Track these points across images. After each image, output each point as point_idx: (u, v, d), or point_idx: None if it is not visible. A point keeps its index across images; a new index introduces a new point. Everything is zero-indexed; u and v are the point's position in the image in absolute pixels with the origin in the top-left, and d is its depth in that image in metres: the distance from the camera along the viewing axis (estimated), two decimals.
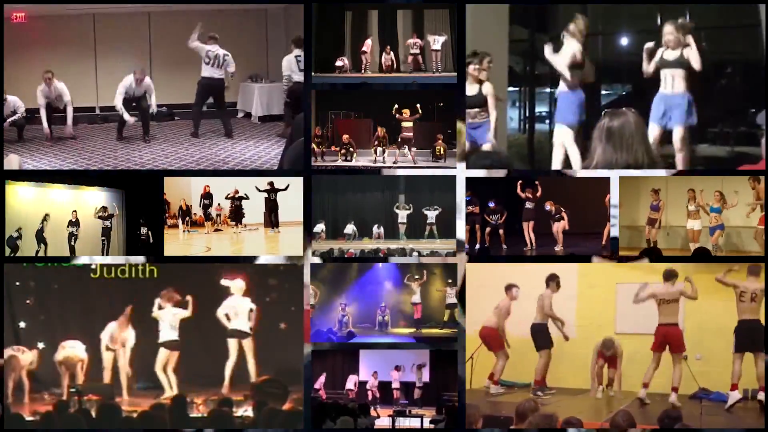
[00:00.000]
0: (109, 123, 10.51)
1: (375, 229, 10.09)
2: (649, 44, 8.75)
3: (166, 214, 9.51)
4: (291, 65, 9.83)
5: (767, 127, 8.22)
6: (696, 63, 8.48)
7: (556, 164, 8.88)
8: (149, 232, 9.04)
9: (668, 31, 8.59)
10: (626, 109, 7.74)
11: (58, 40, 10.25)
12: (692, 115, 8.60)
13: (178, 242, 9.68)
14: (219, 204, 10.02)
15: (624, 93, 10.01)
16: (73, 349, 8.92)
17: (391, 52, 10.27)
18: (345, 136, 9.53)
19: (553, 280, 8.53)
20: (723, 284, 8.10)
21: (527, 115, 9.93)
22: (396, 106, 9.38)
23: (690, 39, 8.51)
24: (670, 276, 8.23)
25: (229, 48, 10.18)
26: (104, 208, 9.24)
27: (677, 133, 8.61)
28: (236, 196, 9.79)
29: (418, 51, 10.20)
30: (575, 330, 8.73)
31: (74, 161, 9.53)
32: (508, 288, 8.63)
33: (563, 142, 8.86)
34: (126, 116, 10.07)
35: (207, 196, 10.01)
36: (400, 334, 9.25)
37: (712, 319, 8.34)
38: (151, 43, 10.54)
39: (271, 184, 9.45)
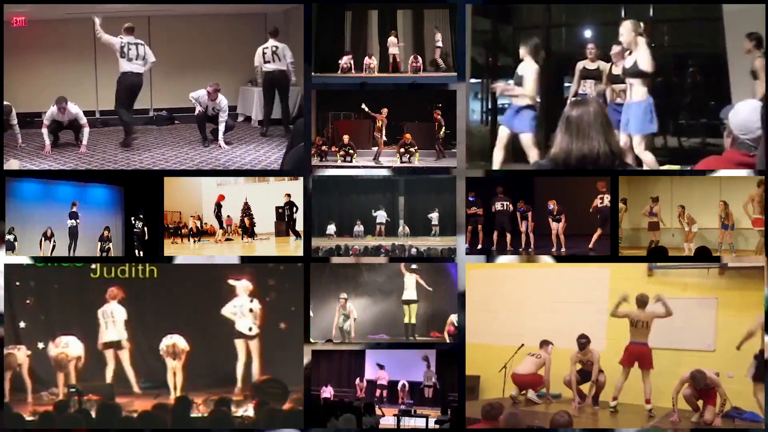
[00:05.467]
0: (109, 127, 10.48)
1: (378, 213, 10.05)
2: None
3: (180, 224, 9.71)
4: (258, 57, 9.93)
5: (766, 125, 8.20)
6: (646, 65, 8.49)
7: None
8: (145, 228, 9.08)
9: (622, 32, 8.61)
10: (594, 98, 7.71)
11: (58, 44, 10.21)
12: (652, 122, 8.60)
13: (188, 251, 9.67)
14: (228, 216, 9.97)
15: None
16: (66, 348, 8.90)
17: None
18: (345, 137, 9.52)
19: None
20: (616, 317, 8.38)
21: (489, 107, 9.85)
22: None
23: (641, 41, 8.53)
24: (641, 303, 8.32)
25: (228, 52, 10.13)
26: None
27: (636, 141, 8.61)
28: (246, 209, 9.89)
29: (397, 51, 10.18)
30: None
31: (75, 165, 9.51)
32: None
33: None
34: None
35: (220, 205, 9.98)
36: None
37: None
38: (151, 46, 10.48)
39: (288, 195, 9.52)
